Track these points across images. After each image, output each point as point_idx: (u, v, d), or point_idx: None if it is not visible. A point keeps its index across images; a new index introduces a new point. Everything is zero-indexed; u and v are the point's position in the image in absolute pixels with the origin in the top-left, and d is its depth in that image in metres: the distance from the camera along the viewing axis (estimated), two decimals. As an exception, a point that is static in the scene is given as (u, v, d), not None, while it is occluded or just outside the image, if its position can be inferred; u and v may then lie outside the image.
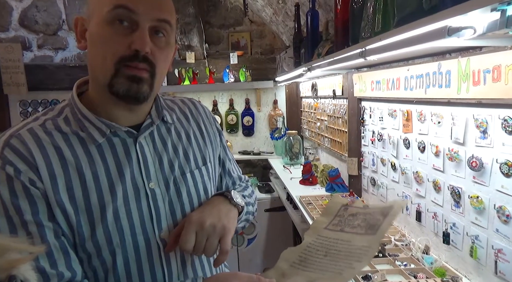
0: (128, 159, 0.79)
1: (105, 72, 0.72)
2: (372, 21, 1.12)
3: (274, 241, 3.09)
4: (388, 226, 0.78)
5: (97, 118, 0.77)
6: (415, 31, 0.83)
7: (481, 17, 0.68)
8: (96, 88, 0.78)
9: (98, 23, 0.72)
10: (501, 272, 1.06)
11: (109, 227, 0.74)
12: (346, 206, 0.90)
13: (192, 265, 0.84)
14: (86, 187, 0.74)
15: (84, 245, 0.74)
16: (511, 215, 1.02)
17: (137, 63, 0.72)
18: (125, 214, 0.76)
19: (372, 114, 1.92)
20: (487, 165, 1.11)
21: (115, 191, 0.76)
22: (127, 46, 0.71)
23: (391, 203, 0.85)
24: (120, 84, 0.72)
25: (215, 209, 0.82)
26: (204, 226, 0.77)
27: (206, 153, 0.91)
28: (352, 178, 2.20)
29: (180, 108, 0.93)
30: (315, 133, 3.03)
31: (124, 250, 0.76)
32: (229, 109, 3.67)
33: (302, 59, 2.25)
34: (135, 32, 0.71)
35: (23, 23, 3.41)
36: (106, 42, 0.71)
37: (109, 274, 0.76)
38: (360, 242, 0.76)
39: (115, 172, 0.77)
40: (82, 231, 0.73)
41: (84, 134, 0.77)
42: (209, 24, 3.64)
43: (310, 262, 0.77)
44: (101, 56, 0.72)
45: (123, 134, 0.79)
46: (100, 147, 0.77)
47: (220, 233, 0.78)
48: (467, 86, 1.14)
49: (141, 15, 0.71)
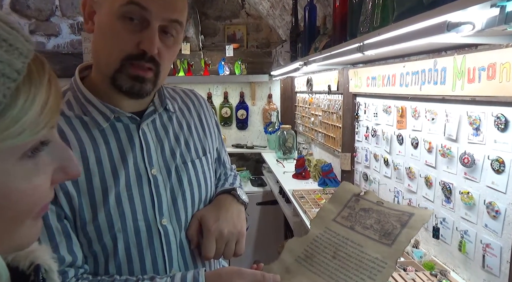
0: (131, 144, 0.79)
1: (109, 65, 0.72)
2: (371, 16, 1.13)
3: (265, 235, 3.11)
4: (408, 241, 0.69)
5: (101, 102, 0.77)
6: (414, 25, 0.84)
7: (481, 13, 0.69)
8: (100, 75, 0.78)
9: (108, 15, 0.70)
10: (488, 266, 1.09)
11: (111, 211, 0.75)
12: (358, 197, 0.82)
13: (191, 253, 0.85)
14: (89, 171, 0.74)
15: (86, 229, 0.74)
16: (500, 211, 1.04)
17: (143, 63, 0.71)
18: (127, 199, 0.77)
19: (367, 110, 1.94)
20: (479, 162, 1.13)
21: (118, 176, 0.76)
22: (135, 44, 0.70)
23: (411, 209, 0.76)
24: (124, 81, 0.72)
25: (229, 214, 0.85)
26: (223, 234, 0.81)
27: (206, 144, 0.92)
28: (345, 173, 2.22)
29: (182, 98, 0.94)
30: (309, 128, 3.04)
31: (125, 235, 0.76)
32: (223, 102, 3.66)
33: (299, 53, 2.25)
34: (144, 30, 0.70)
35: (14, 8, 3.34)
36: (114, 37, 0.70)
37: (109, 259, 0.76)
38: (373, 252, 0.69)
39: (118, 157, 0.77)
40: (84, 214, 0.73)
41: (87, 118, 0.76)
42: (205, 15, 3.61)
43: (317, 261, 0.73)
44: (108, 49, 0.72)
45: (126, 120, 0.80)
46: (104, 131, 0.77)
47: (237, 238, 0.83)
48: (462, 83, 1.15)
49: (153, 14, 0.69)
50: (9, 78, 0.31)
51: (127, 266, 0.77)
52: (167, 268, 0.81)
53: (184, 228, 0.84)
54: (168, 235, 0.81)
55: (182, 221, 0.83)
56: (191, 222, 0.84)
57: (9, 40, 0.32)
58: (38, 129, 0.34)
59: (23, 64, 0.33)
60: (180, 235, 0.83)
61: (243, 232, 0.85)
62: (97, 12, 0.74)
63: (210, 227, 0.81)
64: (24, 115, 0.32)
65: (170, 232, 0.81)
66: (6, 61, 0.31)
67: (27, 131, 0.33)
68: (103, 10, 0.72)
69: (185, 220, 0.84)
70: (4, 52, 0.31)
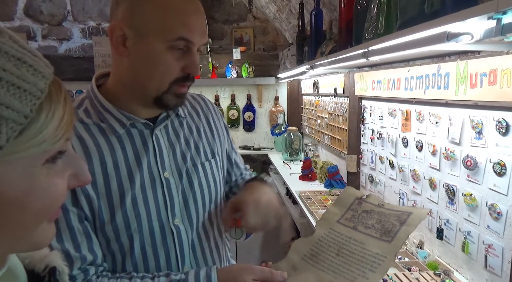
0: (145, 149, 0.84)
1: (158, 89, 0.80)
2: (375, 23, 1.16)
3: (272, 235, 3.14)
4: (406, 237, 0.74)
5: (118, 110, 0.82)
6: (416, 34, 0.88)
7: (479, 24, 0.73)
8: (123, 87, 0.83)
9: (157, 46, 0.76)
10: (491, 266, 1.12)
11: (127, 212, 0.80)
12: (360, 200, 0.87)
13: (202, 251, 0.90)
14: (107, 175, 0.79)
15: (104, 229, 0.79)
16: (501, 212, 1.07)
17: (188, 83, 0.82)
18: (142, 201, 0.81)
19: (372, 113, 1.97)
20: (481, 165, 1.15)
21: (134, 179, 0.81)
22: (180, 68, 0.79)
23: (409, 209, 0.81)
24: (170, 100, 0.81)
25: (261, 190, 0.91)
26: (261, 204, 0.85)
27: (214, 146, 0.97)
28: (351, 175, 2.25)
29: (191, 104, 0.99)
30: (315, 130, 3.07)
31: (141, 235, 0.81)
32: (230, 104, 3.71)
33: (305, 57, 2.29)
34: (186, 54, 0.79)
35: (28, 13, 3.43)
36: (164, 65, 0.78)
37: (126, 258, 0.81)
38: (374, 248, 0.74)
39: (133, 161, 0.82)
40: (102, 215, 0.78)
41: (104, 125, 0.82)
42: (213, 19, 3.67)
43: (322, 259, 0.76)
44: (159, 75, 0.79)
45: (141, 126, 0.85)
46: (120, 137, 0.82)
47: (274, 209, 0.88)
48: (464, 88, 1.18)
49: (195, 43, 0.79)
50: (35, 96, 0.38)
51: (142, 264, 0.83)
52: (179, 265, 0.86)
53: (195, 228, 0.88)
54: (181, 234, 0.86)
55: (194, 221, 0.88)
56: (224, 208, 0.88)
57: (34, 66, 0.39)
58: (56, 140, 0.40)
59: (45, 84, 0.39)
60: (191, 235, 0.87)
61: (277, 204, 0.90)
62: (134, 40, 0.77)
63: (247, 200, 0.85)
64: (46, 127, 0.39)
65: (182, 231, 0.86)
66: (32, 82, 0.38)
67: (48, 141, 0.39)
68: (150, 40, 0.76)
69: (196, 220, 0.88)
70: (31, 75, 0.38)
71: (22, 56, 0.38)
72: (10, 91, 0.36)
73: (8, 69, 0.36)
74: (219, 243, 0.94)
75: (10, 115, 0.35)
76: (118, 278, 0.78)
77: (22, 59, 0.38)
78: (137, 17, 0.76)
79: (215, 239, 0.93)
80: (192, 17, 0.77)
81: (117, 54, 0.79)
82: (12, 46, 0.38)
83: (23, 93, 0.37)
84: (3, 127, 0.35)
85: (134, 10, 0.76)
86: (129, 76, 0.81)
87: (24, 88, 0.37)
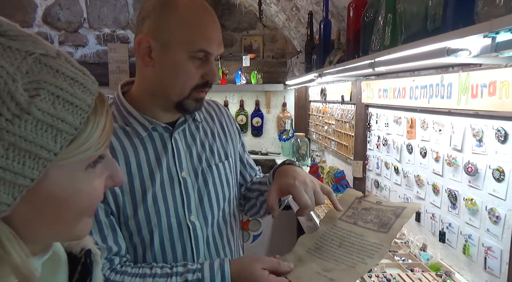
0: (165, 151, 0.92)
1: (180, 94, 0.88)
2: (381, 35, 1.23)
3: (279, 238, 3.20)
4: (400, 227, 0.83)
5: (141, 115, 0.90)
6: (419, 49, 0.95)
7: (476, 41, 0.80)
8: (147, 93, 0.91)
9: (179, 56, 0.84)
10: (490, 268, 1.17)
11: (148, 208, 0.87)
12: (360, 199, 0.95)
13: (215, 246, 0.97)
14: (131, 173, 0.87)
15: (127, 223, 0.87)
16: (500, 216, 1.13)
17: (206, 89, 0.90)
18: (162, 198, 0.89)
19: (378, 120, 2.03)
20: (481, 171, 1.21)
21: (154, 178, 0.89)
22: (200, 76, 0.87)
23: (404, 204, 0.89)
24: (190, 105, 0.89)
25: (298, 170, 0.92)
26: (307, 183, 0.87)
27: (227, 149, 1.05)
28: (357, 180, 2.30)
29: (206, 109, 1.07)
30: (322, 136, 3.13)
31: (160, 229, 0.89)
32: (239, 109, 3.79)
33: (314, 65, 2.36)
34: (205, 63, 0.87)
35: (46, 20, 3.56)
36: (186, 74, 0.86)
37: (147, 250, 0.89)
38: (372, 239, 0.82)
39: (154, 162, 0.90)
40: (126, 211, 0.86)
41: (129, 128, 0.90)
42: (223, 27, 3.76)
43: (325, 250, 0.84)
44: (181, 83, 0.87)
45: (161, 129, 0.93)
46: (143, 140, 0.91)
47: (318, 184, 0.90)
48: (466, 98, 1.25)
49: (213, 53, 0.87)
50: (84, 110, 0.44)
51: (161, 256, 0.90)
52: (194, 258, 0.93)
53: (210, 224, 0.96)
54: (196, 230, 0.93)
55: (208, 217, 0.95)
56: (268, 194, 0.89)
57: (84, 84, 0.45)
58: (98, 147, 0.46)
59: (92, 100, 0.45)
60: (206, 230, 0.95)
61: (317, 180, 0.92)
62: (159, 51, 0.85)
63: (293, 183, 0.86)
64: (91, 137, 0.45)
65: (198, 227, 0.93)
66: (82, 99, 0.44)
67: (92, 149, 0.45)
68: (173, 51, 0.84)
69: (211, 216, 0.96)
70: (81, 92, 0.44)
71: (75, 76, 0.44)
72: (65, 107, 0.42)
73: (64, 88, 0.42)
74: (231, 240, 1.02)
75: (64, 127, 0.42)
76: (140, 268, 0.86)
77: (75, 79, 0.43)
78: (162, 31, 0.84)
79: (228, 236, 1.01)
80: (210, 30, 0.86)
81: (143, 64, 0.87)
82: (67, 67, 0.43)
83: (75, 108, 0.42)
84: (58, 137, 0.41)
85: (159, 25, 0.84)
86: (153, 84, 0.89)
87: (76, 104, 0.42)
